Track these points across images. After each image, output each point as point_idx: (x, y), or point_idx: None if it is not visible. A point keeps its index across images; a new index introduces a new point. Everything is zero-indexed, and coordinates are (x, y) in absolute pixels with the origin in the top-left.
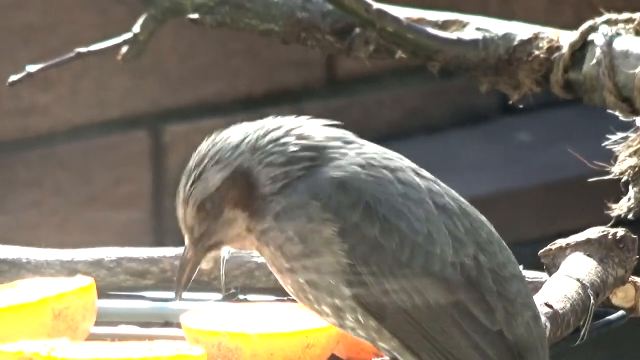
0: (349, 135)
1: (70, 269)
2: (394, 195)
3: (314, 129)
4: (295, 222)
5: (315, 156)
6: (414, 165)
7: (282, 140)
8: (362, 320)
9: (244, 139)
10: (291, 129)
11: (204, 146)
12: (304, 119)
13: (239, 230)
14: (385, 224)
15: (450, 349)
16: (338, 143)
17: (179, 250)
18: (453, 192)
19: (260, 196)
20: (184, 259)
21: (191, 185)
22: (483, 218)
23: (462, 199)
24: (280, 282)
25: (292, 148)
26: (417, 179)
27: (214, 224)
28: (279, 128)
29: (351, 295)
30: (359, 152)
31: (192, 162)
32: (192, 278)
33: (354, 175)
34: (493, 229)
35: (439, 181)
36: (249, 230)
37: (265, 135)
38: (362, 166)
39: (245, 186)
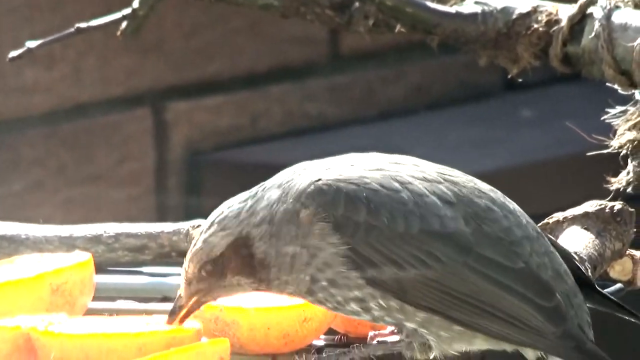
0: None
1: (68, 244)
2: (371, 183)
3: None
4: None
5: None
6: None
7: (263, 202)
8: (384, 305)
9: (244, 205)
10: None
11: (216, 211)
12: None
13: (243, 291)
14: (371, 205)
15: (476, 295)
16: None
17: (178, 225)
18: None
19: (259, 262)
20: (178, 304)
21: (199, 247)
22: (484, 187)
23: (448, 171)
24: (311, 301)
25: (265, 205)
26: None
27: (215, 285)
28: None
29: (364, 279)
30: (312, 164)
31: (204, 223)
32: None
33: (323, 176)
34: (496, 197)
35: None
36: (257, 288)
37: (259, 199)
38: (323, 167)
39: (248, 254)
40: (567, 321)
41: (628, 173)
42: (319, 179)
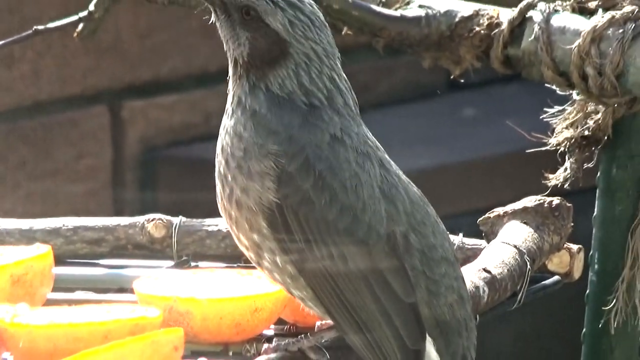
0: (354, 109)
1: (28, 237)
2: (341, 166)
3: (344, 85)
4: (254, 132)
5: (320, 104)
6: (384, 157)
7: (324, 68)
8: (280, 264)
9: (322, 30)
10: (336, 68)
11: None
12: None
13: (229, 49)
14: (320, 180)
15: (359, 309)
16: (342, 110)
17: (134, 219)
18: (409, 184)
19: (269, 71)
20: None
21: None
22: (426, 204)
23: (414, 190)
24: (217, 168)
25: (320, 83)
26: (376, 167)
27: (230, 18)
28: (331, 53)
29: (272, 235)
30: (345, 126)
31: None
32: None
33: (316, 137)
34: (432, 213)
35: (399, 174)
36: (231, 67)
37: (324, 55)
38: (333, 136)
39: (273, 51)
40: None
41: (565, 170)
42: (312, 138)
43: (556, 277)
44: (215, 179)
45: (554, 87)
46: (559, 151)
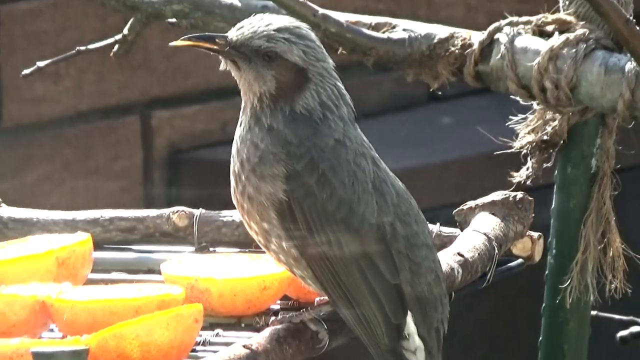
0: (351, 114)
1: (71, 226)
2: (341, 165)
3: (346, 98)
4: (270, 145)
5: (330, 113)
6: (375, 155)
7: (333, 86)
8: (285, 248)
9: (325, 57)
10: (338, 84)
11: (301, 23)
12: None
13: (253, 88)
14: (322, 177)
15: (350, 288)
16: (345, 117)
17: (161, 211)
18: (395, 179)
19: (289, 97)
20: (214, 40)
21: (263, 32)
22: (410, 197)
23: (399, 184)
24: (232, 173)
25: (332, 99)
26: (370, 165)
27: (252, 64)
28: (335, 75)
29: (280, 224)
30: (346, 130)
31: (288, 22)
32: (202, 45)
33: (321, 140)
34: (415, 206)
35: (388, 170)
36: (261, 104)
37: (331, 69)
38: (336, 140)
39: (291, 81)
40: (400, 341)
41: (528, 169)
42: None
43: (520, 260)
44: (230, 176)
45: (517, 98)
46: (522, 153)
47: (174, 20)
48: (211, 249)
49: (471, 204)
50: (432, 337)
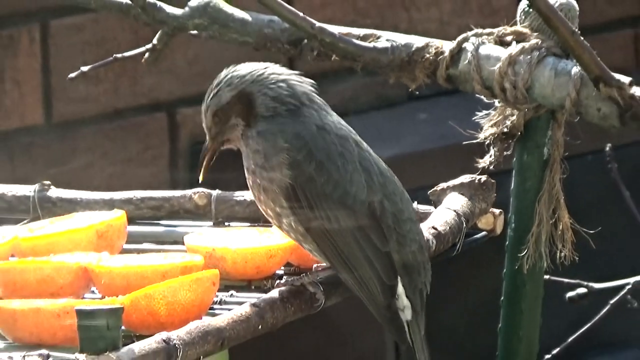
0: (322, 103)
1: (109, 205)
2: (332, 151)
3: (303, 88)
4: (266, 143)
5: (296, 107)
6: (357, 138)
7: (279, 83)
8: (294, 226)
9: (251, 72)
10: (288, 79)
11: (221, 74)
12: (299, 77)
13: (237, 133)
14: (319, 165)
15: (349, 256)
16: (314, 106)
17: (184, 192)
18: (377, 158)
19: (254, 114)
20: (205, 148)
21: (210, 100)
22: (394, 178)
23: (382, 163)
24: (248, 180)
25: (284, 92)
26: (354, 146)
27: (224, 127)
28: (280, 74)
29: (288, 206)
30: (322, 117)
31: (212, 85)
32: (210, 164)
33: (309, 130)
34: (399, 186)
35: (370, 150)
36: (243, 135)
37: (267, 74)
38: (318, 126)
39: (247, 105)
40: (394, 298)
41: (491, 156)
42: (304, 128)
43: (484, 233)
44: (250, 188)
45: (482, 97)
46: (486, 143)
47: (195, 32)
48: (226, 223)
49: (443, 185)
50: (417, 298)
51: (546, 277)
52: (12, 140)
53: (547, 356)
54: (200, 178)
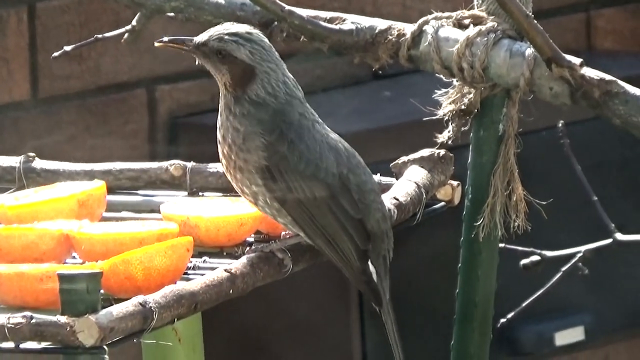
0: (302, 97)
1: (90, 175)
2: (304, 132)
3: (298, 94)
4: (249, 127)
5: (286, 100)
6: (322, 123)
7: (280, 84)
8: (269, 202)
9: (274, 60)
10: (288, 82)
11: (254, 33)
12: (296, 83)
13: (217, 77)
14: (291, 144)
15: (326, 225)
16: (297, 100)
17: (161, 164)
18: (338, 136)
19: (243, 90)
20: (186, 42)
21: (228, 38)
22: (355, 153)
23: (343, 141)
24: (222, 152)
25: (281, 94)
26: (322, 129)
27: (214, 61)
28: (286, 77)
29: (263, 184)
30: (302, 110)
31: (241, 28)
32: (173, 47)
33: (290, 118)
34: (361, 160)
35: (333, 133)
36: (226, 91)
37: (279, 72)
38: (300, 114)
39: (244, 76)
40: (368, 263)
41: (449, 132)
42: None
43: (442, 203)
44: (220, 158)
45: (441, 76)
46: (445, 119)
47: (172, 14)
48: (200, 193)
49: (404, 159)
50: (380, 264)
51: (501, 245)
52: (1, 114)
53: (502, 320)
54: (156, 43)
